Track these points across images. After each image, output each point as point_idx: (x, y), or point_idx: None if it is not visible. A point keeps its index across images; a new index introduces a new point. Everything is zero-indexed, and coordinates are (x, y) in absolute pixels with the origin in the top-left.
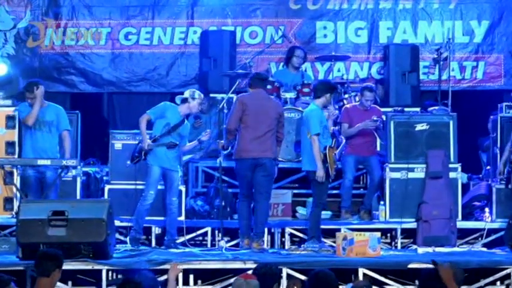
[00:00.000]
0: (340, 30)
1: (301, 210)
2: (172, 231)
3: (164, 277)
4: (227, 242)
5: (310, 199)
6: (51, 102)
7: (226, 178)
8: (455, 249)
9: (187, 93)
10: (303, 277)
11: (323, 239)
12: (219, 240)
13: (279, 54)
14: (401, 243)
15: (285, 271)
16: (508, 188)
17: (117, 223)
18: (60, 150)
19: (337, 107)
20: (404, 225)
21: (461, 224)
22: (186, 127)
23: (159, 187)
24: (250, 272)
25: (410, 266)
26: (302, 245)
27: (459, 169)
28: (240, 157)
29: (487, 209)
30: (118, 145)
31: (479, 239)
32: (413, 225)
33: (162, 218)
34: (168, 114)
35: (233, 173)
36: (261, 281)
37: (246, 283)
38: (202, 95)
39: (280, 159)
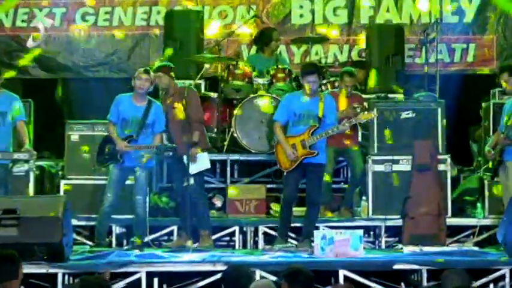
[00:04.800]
0: (317, 9)
1: (276, 207)
2: (138, 232)
3: (125, 281)
4: (195, 242)
5: None
6: (5, 90)
7: None
8: (445, 248)
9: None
10: (273, 278)
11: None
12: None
13: (250, 36)
14: (386, 242)
15: (258, 273)
16: (495, 181)
17: (74, 222)
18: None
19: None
20: (389, 223)
21: (451, 221)
22: (151, 113)
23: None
24: (219, 275)
25: (396, 267)
26: (270, 246)
27: (448, 161)
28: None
29: (478, 204)
30: (74, 136)
31: (471, 237)
32: (398, 222)
33: (123, 217)
34: (120, 107)
35: None
36: (232, 285)
37: None
38: (141, 69)
39: (253, 150)
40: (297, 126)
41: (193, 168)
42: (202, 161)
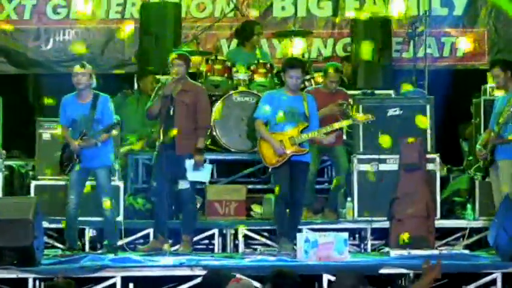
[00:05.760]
0: (300, 1)
1: (256, 209)
2: (108, 235)
3: (99, 286)
4: (172, 245)
5: (268, 195)
6: None
7: None
8: (434, 251)
9: None
10: (258, 284)
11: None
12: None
13: (230, 30)
14: (372, 245)
15: None
16: (488, 182)
17: (45, 224)
18: None
19: None
20: (375, 225)
21: (440, 223)
22: (98, 107)
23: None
24: (198, 280)
25: (382, 271)
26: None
27: (437, 160)
28: None
29: (468, 206)
30: (46, 135)
31: (461, 239)
32: (385, 224)
33: (96, 219)
34: (67, 109)
35: None
36: None
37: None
38: (76, 65)
39: (233, 149)
40: (280, 124)
41: (193, 176)
42: (204, 172)
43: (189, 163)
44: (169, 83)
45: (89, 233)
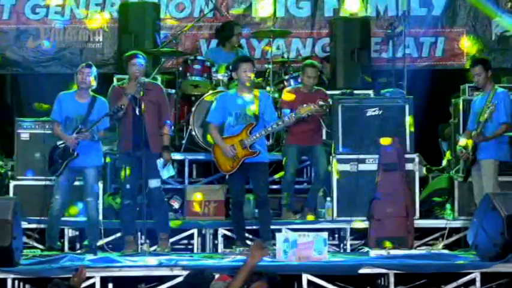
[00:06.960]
0: (279, 1)
1: None
2: (90, 235)
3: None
4: (151, 245)
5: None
6: None
7: None
8: (413, 251)
9: None
10: None
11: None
12: (141, 244)
13: (209, 30)
14: (351, 245)
15: None
16: (467, 182)
17: (24, 225)
18: None
19: (276, 88)
20: (355, 225)
21: (419, 223)
22: (95, 109)
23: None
24: (177, 280)
25: (362, 271)
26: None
27: (416, 160)
28: None
29: (447, 205)
30: (25, 135)
31: (440, 239)
32: (364, 224)
33: (76, 219)
34: (63, 105)
35: None
36: None
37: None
38: (82, 64)
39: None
40: (235, 125)
41: (164, 174)
42: (170, 168)
43: (160, 162)
44: (132, 83)
45: (69, 233)
